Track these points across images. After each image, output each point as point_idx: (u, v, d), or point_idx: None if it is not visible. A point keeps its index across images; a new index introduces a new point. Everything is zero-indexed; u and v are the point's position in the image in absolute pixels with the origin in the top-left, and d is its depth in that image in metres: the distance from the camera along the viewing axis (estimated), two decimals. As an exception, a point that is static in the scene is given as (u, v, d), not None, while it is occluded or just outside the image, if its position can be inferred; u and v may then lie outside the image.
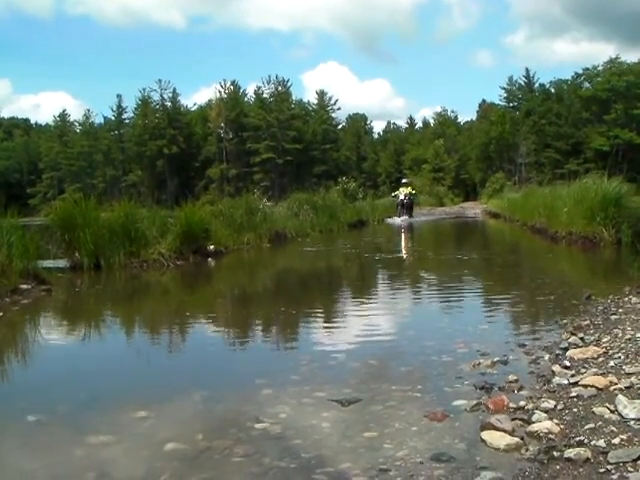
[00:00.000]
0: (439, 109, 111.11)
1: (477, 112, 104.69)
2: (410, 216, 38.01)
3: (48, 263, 10.78)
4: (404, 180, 44.57)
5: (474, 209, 54.68)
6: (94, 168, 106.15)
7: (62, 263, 12.13)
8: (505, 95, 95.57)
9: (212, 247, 14.62)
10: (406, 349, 5.38)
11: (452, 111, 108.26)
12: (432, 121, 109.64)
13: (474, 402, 3.77)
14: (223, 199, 23.13)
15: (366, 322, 6.82)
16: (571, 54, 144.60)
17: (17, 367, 5.50)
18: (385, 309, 7.94)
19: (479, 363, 4.64)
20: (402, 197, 38.54)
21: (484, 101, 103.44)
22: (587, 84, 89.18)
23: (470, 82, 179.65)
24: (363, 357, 5.13)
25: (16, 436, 3.67)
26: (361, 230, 26.89)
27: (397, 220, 36.34)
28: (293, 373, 4.67)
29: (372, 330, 6.28)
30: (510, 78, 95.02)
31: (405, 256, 15.53)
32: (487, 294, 9.01)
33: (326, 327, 6.97)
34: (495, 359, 4.71)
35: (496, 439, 3.18)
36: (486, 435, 3.25)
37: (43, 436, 3.64)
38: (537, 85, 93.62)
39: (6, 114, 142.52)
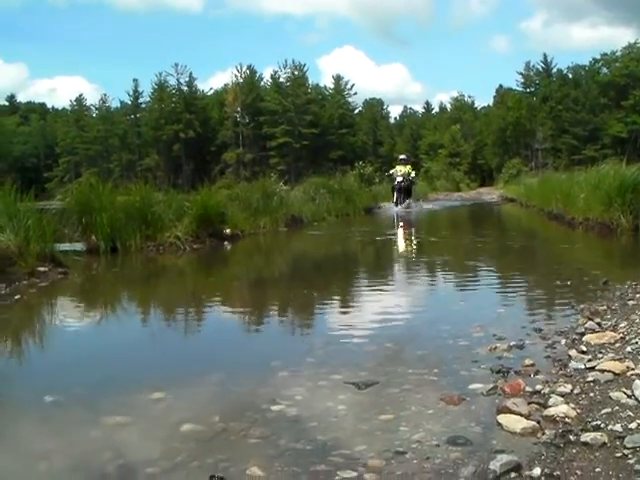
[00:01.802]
0: (456, 94, 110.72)
1: (494, 97, 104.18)
2: (409, 203, 30.41)
3: (65, 246, 10.81)
4: (402, 156, 33.92)
5: (490, 194, 54.49)
6: (110, 152, 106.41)
7: (79, 246, 12.17)
8: (522, 80, 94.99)
9: (228, 231, 14.63)
10: (422, 332, 5.38)
11: (469, 96, 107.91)
12: (449, 106, 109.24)
13: (490, 386, 3.76)
14: (239, 183, 23.13)
15: (382, 305, 6.81)
16: (589, 39, 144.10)
17: (34, 349, 5.52)
18: (400, 292, 7.93)
19: (495, 347, 4.62)
20: (399, 179, 30.12)
21: (501, 86, 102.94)
22: (605, 69, 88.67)
23: (487, 67, 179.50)
24: (379, 340, 5.12)
25: (34, 416, 3.69)
26: (377, 215, 26.89)
27: (394, 208, 29.17)
28: (309, 356, 4.68)
29: (388, 313, 6.27)
30: (527, 63, 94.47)
31: (419, 240, 15.48)
32: (503, 278, 8.98)
33: (342, 310, 6.98)
34: (511, 343, 4.69)
35: (512, 423, 3.18)
36: (502, 419, 3.24)
37: (60, 416, 3.66)
38: (554, 70, 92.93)
39: (22, 99, 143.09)
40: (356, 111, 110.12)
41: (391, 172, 32.11)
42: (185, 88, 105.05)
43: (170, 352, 5.27)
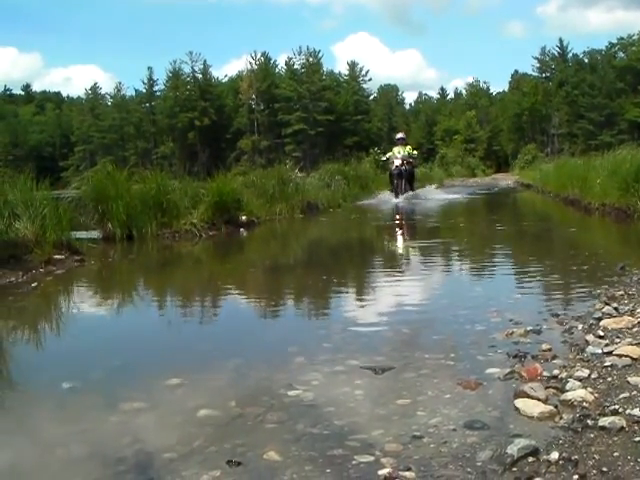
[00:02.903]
0: (471, 80, 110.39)
1: (509, 83, 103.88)
2: (411, 190, 25.37)
3: (81, 234, 10.85)
4: (399, 135, 27.69)
5: (506, 180, 54.35)
6: (126, 140, 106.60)
7: (95, 234, 12.23)
8: (538, 65, 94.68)
9: (244, 218, 14.66)
10: (439, 317, 5.37)
11: (484, 82, 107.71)
12: (464, 92, 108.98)
13: (507, 370, 3.75)
14: (255, 170, 23.14)
15: (398, 290, 6.82)
16: (605, 23, 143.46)
17: (51, 336, 5.55)
18: (417, 278, 7.92)
19: (512, 332, 4.61)
20: (398, 162, 24.78)
21: (516, 72, 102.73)
22: (622, 54, 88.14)
23: (502, 53, 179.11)
24: (396, 325, 5.12)
25: (52, 403, 3.71)
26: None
27: (393, 200, 23.97)
28: (326, 341, 4.68)
29: (404, 298, 6.27)
30: (543, 48, 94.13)
31: (437, 225, 15.44)
32: (519, 263, 8.96)
33: (358, 296, 6.97)
34: (528, 328, 4.67)
35: (530, 407, 3.17)
36: (519, 403, 3.23)
37: (78, 402, 3.68)
38: (570, 55, 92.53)
39: (38, 88, 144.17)
40: (371, 97, 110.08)
41: (388, 156, 26.23)
42: (200, 76, 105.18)
43: (187, 338, 5.28)
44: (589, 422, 2.95)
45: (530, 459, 2.65)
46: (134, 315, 6.42)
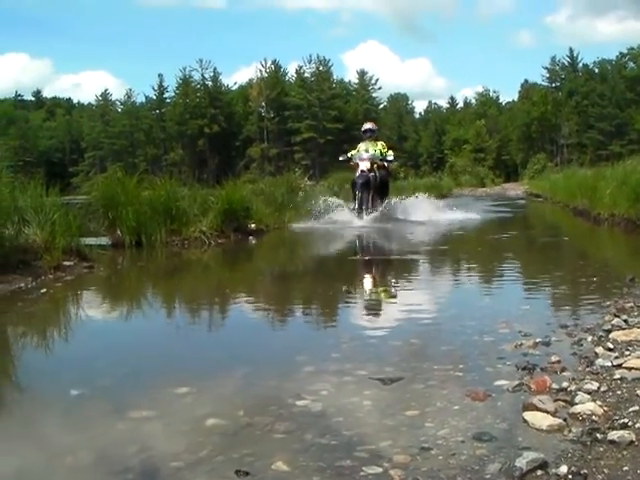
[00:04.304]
0: (480, 89, 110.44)
1: (519, 92, 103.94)
2: (380, 205, 17.30)
3: (90, 240, 10.85)
4: (368, 126, 19.20)
5: (515, 190, 54.39)
6: (135, 147, 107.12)
7: (104, 240, 12.22)
8: (547, 75, 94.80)
9: (253, 225, 14.67)
10: (447, 328, 5.35)
11: (494, 91, 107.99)
12: (473, 101, 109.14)
13: (516, 382, 3.74)
14: (264, 178, 23.17)
15: (406, 300, 6.80)
16: (615, 33, 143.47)
17: (60, 342, 5.54)
18: (425, 287, 7.92)
19: (521, 344, 4.60)
20: (365, 165, 17.44)
21: (526, 81, 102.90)
22: (632, 64, 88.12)
23: (512, 62, 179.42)
24: (404, 335, 5.10)
25: (60, 409, 3.71)
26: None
27: (354, 221, 16.71)
28: (334, 351, 4.67)
29: (413, 308, 6.25)
30: (553, 58, 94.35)
31: (444, 235, 15.40)
32: (528, 274, 8.95)
33: (366, 305, 6.97)
34: (537, 340, 4.66)
35: (538, 420, 3.16)
36: (528, 415, 3.22)
37: (86, 410, 3.67)
38: (580, 65, 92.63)
39: (48, 94, 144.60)
40: (381, 106, 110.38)
41: (350, 155, 18.57)
42: (210, 83, 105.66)
43: (195, 346, 5.28)
44: (598, 436, 2.94)
45: (539, 472, 2.64)
46: (143, 322, 6.42)
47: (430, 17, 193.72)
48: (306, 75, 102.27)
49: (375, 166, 17.69)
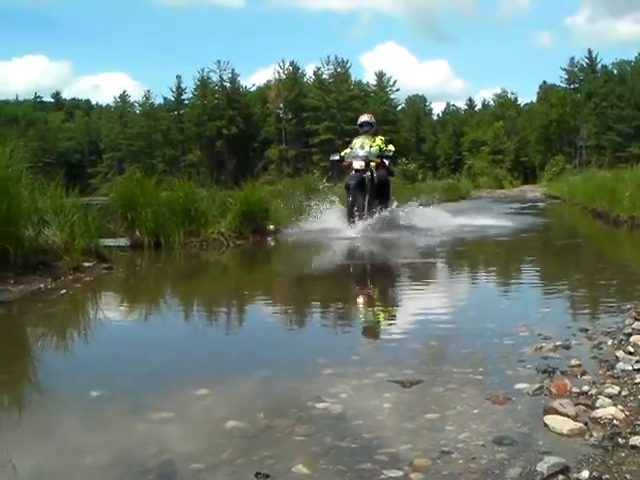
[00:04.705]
0: (499, 90, 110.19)
1: (537, 94, 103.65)
2: (384, 208, 14.84)
3: (109, 241, 10.88)
4: (364, 118, 16.32)
5: (534, 192, 54.15)
6: (153, 148, 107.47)
7: (123, 241, 12.24)
8: (566, 77, 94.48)
9: (271, 227, 14.68)
10: (467, 331, 5.33)
11: (512, 93, 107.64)
12: (492, 103, 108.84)
13: (536, 386, 3.72)
14: (282, 179, 23.16)
15: (425, 303, 6.78)
16: (635, 34, 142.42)
17: (80, 343, 5.56)
18: (444, 290, 7.91)
19: (541, 347, 4.58)
20: (359, 164, 15.02)
21: (544, 83, 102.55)
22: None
23: (530, 63, 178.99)
24: (423, 338, 5.08)
25: (80, 411, 3.72)
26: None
27: (346, 231, 14.48)
28: (354, 353, 4.66)
29: (431, 311, 6.24)
30: (572, 59, 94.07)
31: (457, 239, 15.35)
32: (547, 277, 8.92)
33: (385, 307, 6.97)
34: (557, 343, 4.63)
35: (559, 424, 3.14)
36: (549, 419, 3.20)
37: (106, 411, 3.68)
38: (599, 66, 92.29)
39: (67, 95, 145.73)
40: (399, 108, 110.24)
41: (343, 153, 16.01)
42: (228, 84, 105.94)
43: (215, 348, 5.29)
44: (620, 440, 2.92)
45: (560, 477, 2.62)
46: (162, 323, 6.42)
47: (448, 18, 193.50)
48: (324, 76, 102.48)
49: (373, 165, 15.08)
